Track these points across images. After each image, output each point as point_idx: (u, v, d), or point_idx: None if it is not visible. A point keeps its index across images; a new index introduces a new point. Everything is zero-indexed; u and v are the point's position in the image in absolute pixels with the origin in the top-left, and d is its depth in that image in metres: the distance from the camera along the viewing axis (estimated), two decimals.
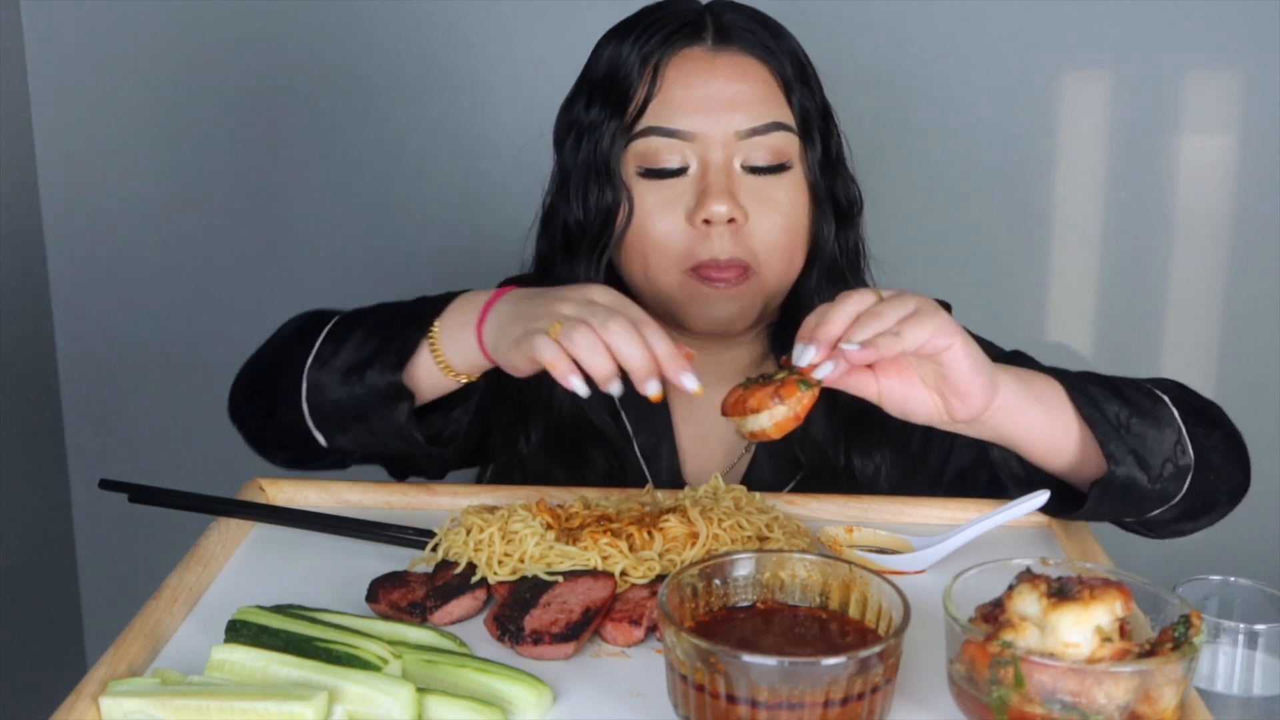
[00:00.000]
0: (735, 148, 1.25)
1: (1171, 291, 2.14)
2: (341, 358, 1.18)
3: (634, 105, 1.26)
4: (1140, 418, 1.11)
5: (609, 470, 1.35)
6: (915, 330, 0.99)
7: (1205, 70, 2.06)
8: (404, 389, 1.15)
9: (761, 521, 1.09)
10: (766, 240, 1.26)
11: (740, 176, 1.26)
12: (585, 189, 1.29)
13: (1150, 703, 0.80)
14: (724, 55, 1.27)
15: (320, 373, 1.18)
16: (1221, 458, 1.17)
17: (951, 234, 2.11)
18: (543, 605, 0.98)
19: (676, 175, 1.26)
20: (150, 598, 1.00)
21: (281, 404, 1.21)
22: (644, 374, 1.02)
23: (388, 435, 1.17)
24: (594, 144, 1.28)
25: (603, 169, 1.27)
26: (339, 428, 1.19)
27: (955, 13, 2.04)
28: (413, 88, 2.12)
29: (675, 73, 1.26)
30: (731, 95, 1.25)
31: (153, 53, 2.13)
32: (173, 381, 2.24)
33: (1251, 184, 2.07)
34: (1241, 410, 1.23)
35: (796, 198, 1.28)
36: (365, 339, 1.18)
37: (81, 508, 2.32)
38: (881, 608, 0.90)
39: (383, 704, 0.85)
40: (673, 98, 1.26)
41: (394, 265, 2.17)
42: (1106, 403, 1.11)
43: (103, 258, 2.21)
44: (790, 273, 1.30)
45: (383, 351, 1.16)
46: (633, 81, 1.27)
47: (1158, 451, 1.11)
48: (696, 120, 1.25)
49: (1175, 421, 1.13)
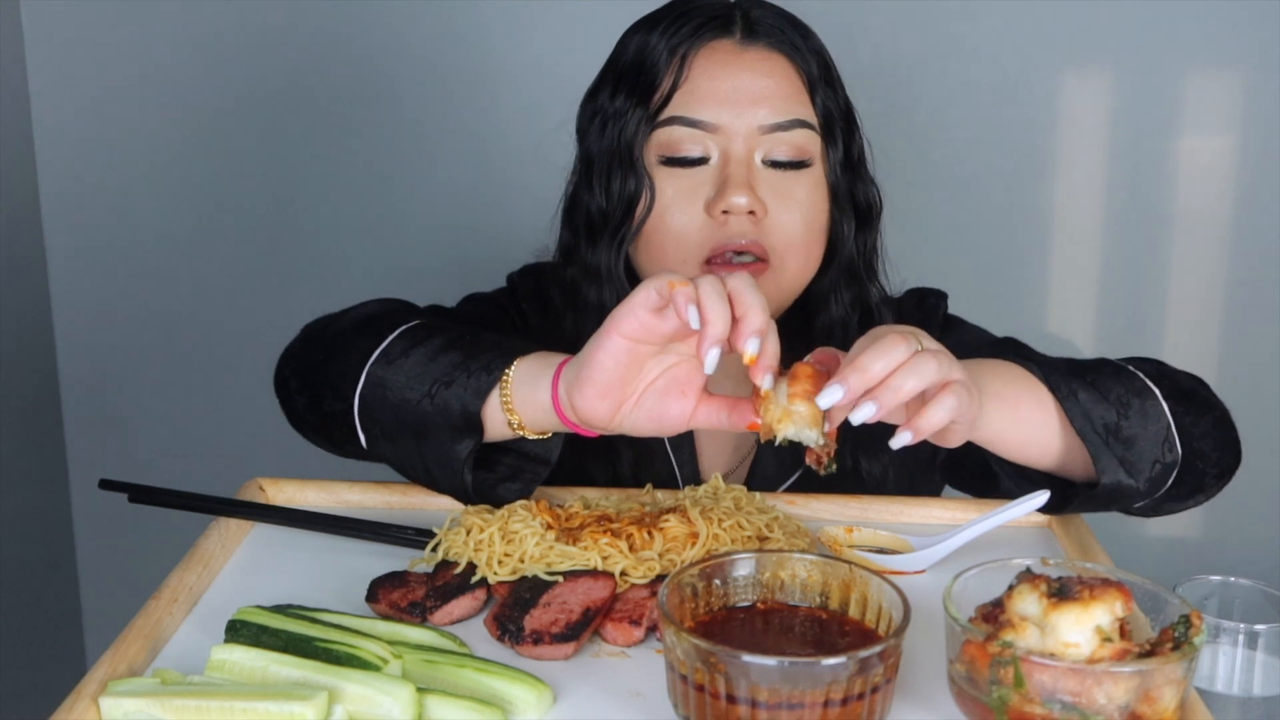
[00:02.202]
0: (757, 142, 1.25)
1: (1171, 291, 2.14)
2: (410, 364, 1.12)
3: (659, 94, 1.27)
4: (1129, 419, 1.11)
5: (635, 459, 1.35)
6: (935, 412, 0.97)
7: (1205, 70, 2.06)
8: (477, 422, 1.08)
9: (761, 521, 1.09)
10: (785, 235, 1.26)
11: (761, 170, 1.26)
12: (608, 176, 1.29)
13: (1150, 703, 0.80)
14: (751, 50, 1.28)
15: (385, 370, 1.12)
16: (1212, 443, 1.17)
17: (951, 233, 2.11)
18: (543, 605, 0.98)
19: (697, 165, 1.26)
20: (150, 598, 1.00)
21: (332, 392, 1.16)
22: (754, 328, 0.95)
23: (437, 464, 1.11)
24: (618, 132, 1.28)
25: (625, 156, 1.27)
26: (389, 435, 1.13)
27: (955, 13, 2.04)
28: (418, 83, 2.12)
29: (702, 64, 1.27)
30: (757, 89, 1.26)
31: (153, 52, 2.13)
32: (173, 381, 2.24)
33: (1251, 184, 2.08)
34: (1241, 410, 1.23)
35: (816, 195, 1.28)
36: (441, 352, 1.11)
37: (81, 508, 2.32)
38: (881, 608, 0.90)
39: (383, 704, 0.85)
40: (698, 88, 1.26)
41: (399, 261, 2.17)
42: (1095, 407, 1.11)
43: (103, 257, 2.21)
44: (807, 271, 1.30)
45: (461, 373, 1.09)
46: (659, 70, 1.27)
47: (1146, 455, 1.12)
48: (720, 112, 1.25)
49: (1164, 417, 1.13)
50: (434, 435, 1.10)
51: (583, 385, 1.01)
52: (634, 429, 1.04)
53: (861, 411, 0.96)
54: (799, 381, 0.98)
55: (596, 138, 1.31)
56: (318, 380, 1.18)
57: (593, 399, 1.01)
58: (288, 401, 1.24)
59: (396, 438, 1.13)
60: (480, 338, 1.13)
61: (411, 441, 1.12)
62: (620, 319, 0.99)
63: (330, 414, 1.17)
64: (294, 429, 1.25)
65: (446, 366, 1.10)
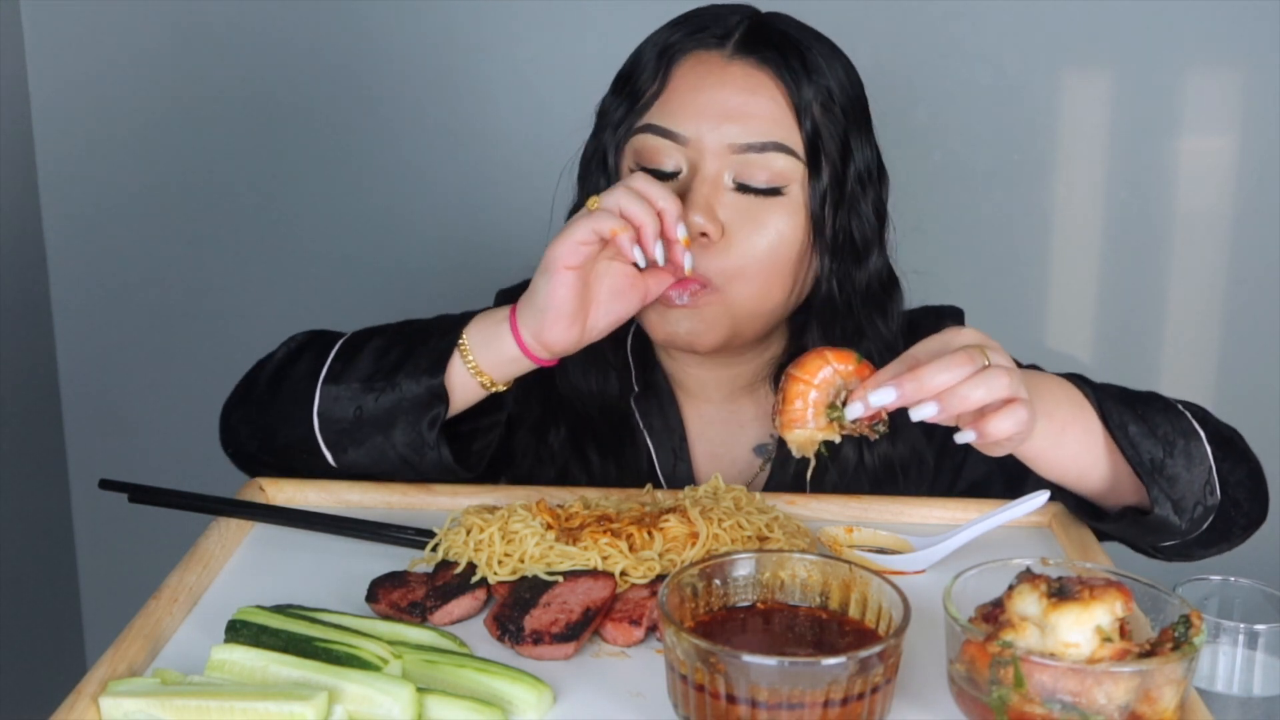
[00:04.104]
0: (728, 161, 1.21)
1: (1171, 291, 2.14)
2: (359, 369, 1.18)
3: (643, 99, 1.25)
4: (1174, 458, 1.12)
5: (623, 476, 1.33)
6: (1002, 423, 1.00)
7: (1205, 70, 2.06)
8: (441, 391, 1.15)
9: (761, 521, 1.09)
10: (740, 260, 1.21)
11: (728, 191, 1.21)
12: (586, 177, 1.29)
13: (1150, 703, 0.80)
14: (737, 64, 1.23)
15: (336, 386, 1.18)
16: (1246, 493, 1.17)
17: (951, 234, 2.11)
18: (543, 605, 0.98)
19: (669, 178, 1.22)
20: (150, 598, 1.00)
21: (285, 424, 1.20)
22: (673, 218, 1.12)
23: (409, 448, 1.17)
24: (601, 133, 1.28)
25: (603, 159, 1.27)
26: (355, 440, 1.18)
27: (955, 13, 2.04)
28: (414, 89, 2.11)
29: (684, 73, 1.24)
30: (734, 106, 1.21)
31: (153, 53, 2.13)
32: (173, 382, 2.24)
33: (1251, 184, 2.07)
34: (1241, 411, 1.23)
35: (787, 224, 1.22)
36: (386, 349, 1.18)
37: (81, 508, 2.32)
38: (881, 608, 0.90)
39: (383, 704, 0.85)
40: (675, 98, 1.23)
41: (396, 267, 2.17)
42: (1144, 442, 1.11)
43: (103, 258, 2.21)
44: (765, 299, 1.24)
45: (411, 357, 1.16)
46: (646, 75, 1.25)
47: (1189, 496, 1.12)
48: (693, 125, 1.21)
49: (1208, 460, 1.14)
50: (401, 421, 1.16)
51: (550, 322, 1.13)
52: (603, 334, 1.17)
53: (922, 410, 1.00)
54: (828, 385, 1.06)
55: (591, 139, 1.31)
56: (268, 418, 1.23)
57: (562, 330, 1.13)
58: (240, 450, 1.28)
59: (364, 440, 1.18)
60: (417, 324, 1.21)
61: (380, 436, 1.17)
62: (564, 255, 1.11)
63: (287, 446, 1.21)
64: (249, 475, 1.27)
65: (398, 357, 1.17)
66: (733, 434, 1.36)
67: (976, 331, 1.04)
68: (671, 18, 1.30)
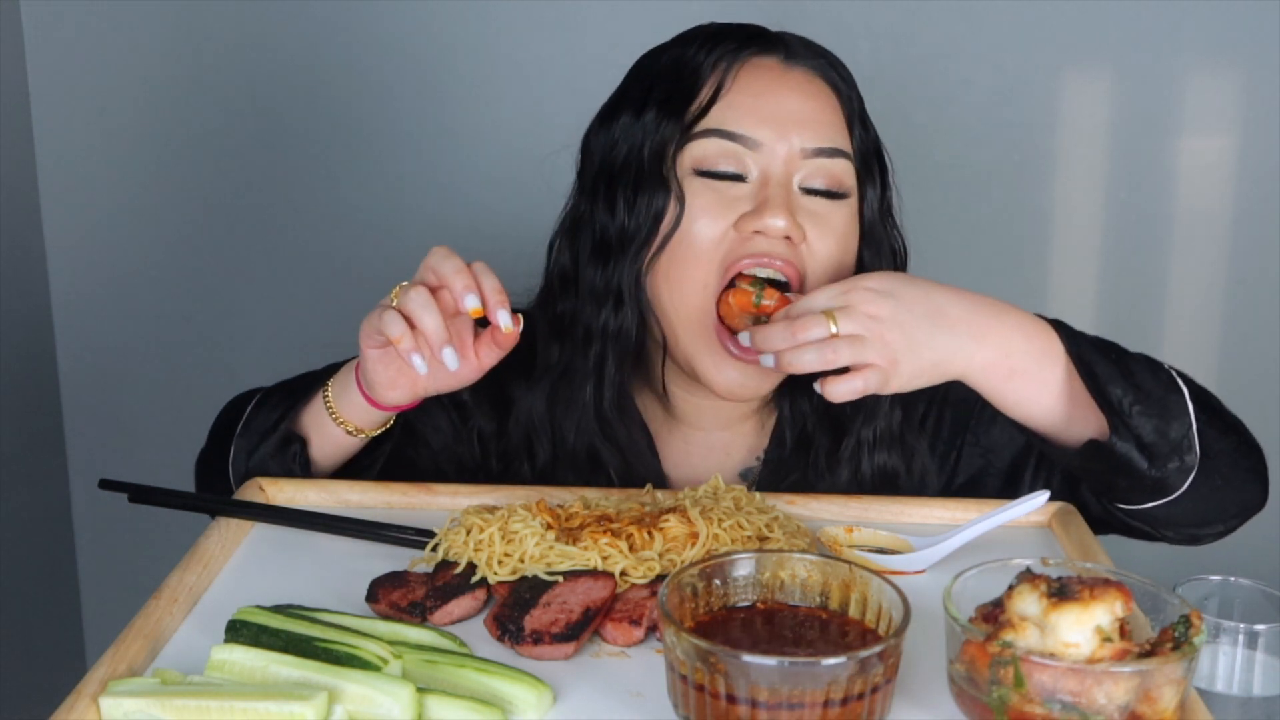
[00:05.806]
0: (797, 165, 1.22)
1: (1171, 291, 2.14)
2: (258, 419, 1.25)
3: (696, 105, 1.23)
4: (1146, 405, 1.11)
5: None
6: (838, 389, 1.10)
7: (1205, 70, 2.06)
8: (295, 435, 1.22)
9: (761, 521, 1.09)
10: (819, 264, 1.22)
11: (798, 195, 1.22)
12: (634, 191, 1.24)
13: (1150, 703, 0.80)
14: (796, 71, 1.25)
15: (242, 439, 1.25)
16: (1229, 464, 1.17)
17: (951, 234, 2.11)
18: (543, 605, 0.98)
19: (733, 180, 1.22)
20: (150, 598, 1.00)
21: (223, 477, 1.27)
22: (468, 298, 1.14)
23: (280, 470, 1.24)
24: (645, 145, 1.24)
25: (655, 169, 1.23)
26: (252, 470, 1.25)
27: (955, 13, 2.04)
28: (414, 90, 2.12)
29: (745, 79, 1.23)
30: (800, 111, 1.22)
31: (153, 53, 2.13)
32: (172, 382, 2.24)
33: (1251, 184, 2.08)
34: (1241, 410, 1.23)
35: (851, 229, 1.25)
36: (280, 402, 1.25)
37: (81, 508, 2.32)
38: (881, 608, 0.90)
39: (383, 704, 0.85)
40: (739, 103, 1.22)
41: (395, 268, 2.16)
42: (1111, 384, 1.11)
43: (103, 258, 2.21)
44: None
45: (290, 407, 1.24)
46: (699, 82, 1.23)
47: (1162, 443, 1.12)
48: (762, 130, 1.21)
49: (1188, 416, 1.14)
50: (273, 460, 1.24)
51: (373, 387, 1.18)
52: (442, 392, 1.21)
53: (764, 360, 1.13)
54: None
55: (620, 154, 1.26)
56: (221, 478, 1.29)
57: (387, 393, 1.19)
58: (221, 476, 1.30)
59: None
60: (305, 378, 1.29)
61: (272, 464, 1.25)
62: (364, 337, 1.16)
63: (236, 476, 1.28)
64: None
65: (280, 415, 1.24)
66: (718, 461, 1.36)
67: (884, 278, 1.12)
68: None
